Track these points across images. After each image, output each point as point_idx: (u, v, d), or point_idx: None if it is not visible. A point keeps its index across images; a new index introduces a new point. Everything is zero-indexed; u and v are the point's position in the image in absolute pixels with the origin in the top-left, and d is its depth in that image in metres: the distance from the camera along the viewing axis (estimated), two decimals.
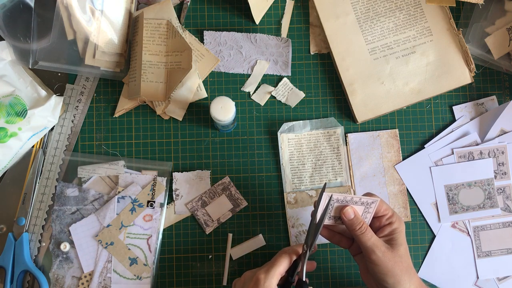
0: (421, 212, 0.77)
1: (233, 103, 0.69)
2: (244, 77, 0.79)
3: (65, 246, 0.74)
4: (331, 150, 0.77)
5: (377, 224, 0.65)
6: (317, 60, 0.79)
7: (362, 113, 0.77)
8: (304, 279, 0.63)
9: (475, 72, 0.77)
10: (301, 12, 0.80)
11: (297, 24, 0.79)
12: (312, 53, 0.79)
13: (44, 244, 0.75)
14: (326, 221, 0.65)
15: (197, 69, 0.77)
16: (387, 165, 0.78)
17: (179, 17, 0.78)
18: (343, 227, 0.68)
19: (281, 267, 0.63)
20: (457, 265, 0.76)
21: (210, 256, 0.76)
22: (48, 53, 0.73)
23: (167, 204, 0.76)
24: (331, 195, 0.62)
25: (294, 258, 0.65)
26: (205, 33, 0.78)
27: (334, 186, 0.77)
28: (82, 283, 0.74)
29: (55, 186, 0.75)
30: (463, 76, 0.78)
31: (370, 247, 0.62)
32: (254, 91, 0.78)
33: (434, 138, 0.78)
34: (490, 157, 0.77)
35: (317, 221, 0.63)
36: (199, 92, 0.77)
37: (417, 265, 0.77)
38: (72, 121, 0.77)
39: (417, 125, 0.79)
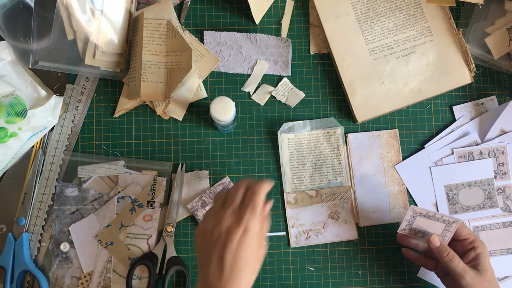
0: None
1: (233, 103, 0.69)
2: (244, 77, 0.79)
3: (65, 246, 0.74)
4: (331, 150, 0.77)
5: (459, 248, 0.68)
6: (317, 60, 0.79)
7: (362, 113, 0.77)
8: None
9: (475, 72, 0.77)
10: (301, 12, 0.80)
11: (297, 24, 0.79)
12: (312, 53, 0.79)
13: (44, 244, 0.75)
14: (408, 232, 0.70)
15: (197, 69, 0.77)
16: (387, 165, 0.78)
17: (179, 17, 0.78)
18: (425, 247, 0.71)
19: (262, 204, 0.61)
20: None
21: None
22: (48, 53, 0.73)
23: (167, 204, 0.76)
24: (413, 207, 0.67)
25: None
26: (205, 33, 0.78)
27: (334, 186, 0.77)
28: (82, 283, 0.74)
29: (55, 186, 0.75)
30: (463, 76, 0.78)
31: (460, 273, 0.65)
32: (254, 91, 0.78)
33: (434, 138, 0.78)
34: (490, 157, 0.77)
35: (399, 229, 0.70)
36: (199, 92, 0.77)
37: (417, 265, 0.77)
38: (72, 121, 0.77)
39: (417, 125, 0.79)
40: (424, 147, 0.78)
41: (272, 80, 0.79)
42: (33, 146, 0.75)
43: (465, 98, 0.79)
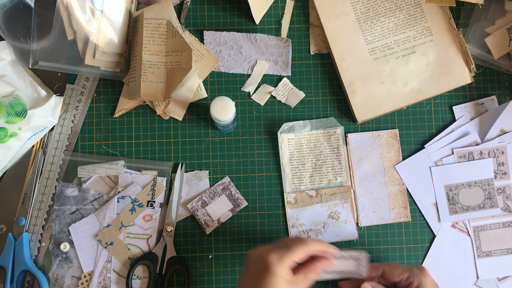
0: (421, 212, 0.77)
1: (233, 103, 0.69)
2: (244, 77, 0.79)
3: (65, 246, 0.74)
4: (331, 150, 0.77)
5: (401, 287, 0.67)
6: (317, 60, 0.79)
7: (362, 113, 0.77)
8: None
9: (475, 72, 0.77)
10: (301, 12, 0.80)
11: (297, 24, 0.79)
12: (312, 53, 0.79)
13: (44, 244, 0.75)
14: (335, 275, 0.66)
15: (197, 69, 0.77)
16: (387, 165, 0.78)
17: (179, 17, 0.78)
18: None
19: (296, 255, 0.60)
20: (457, 265, 0.76)
21: (210, 256, 0.76)
22: (48, 53, 0.73)
23: (167, 204, 0.76)
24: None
25: (316, 251, 0.62)
26: (205, 33, 0.78)
27: (334, 186, 0.77)
28: (82, 283, 0.74)
29: (55, 186, 0.75)
30: (463, 76, 0.78)
31: None
32: (254, 91, 0.78)
33: (434, 138, 0.78)
34: (490, 157, 0.77)
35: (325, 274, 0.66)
36: (199, 92, 0.77)
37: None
38: (72, 121, 0.77)
39: (417, 125, 0.79)
40: (424, 147, 0.78)
41: (272, 80, 0.79)
42: (33, 146, 0.75)
43: (465, 98, 0.79)
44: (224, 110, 0.68)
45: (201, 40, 0.78)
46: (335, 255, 0.64)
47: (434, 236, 0.77)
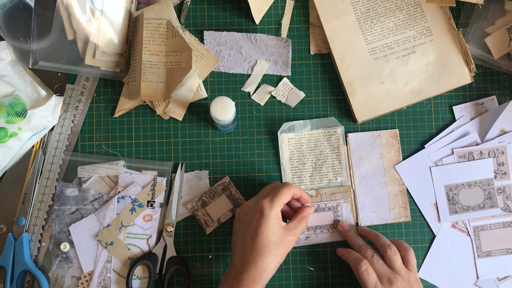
0: (421, 212, 0.77)
1: (233, 103, 0.69)
2: (244, 77, 0.79)
3: (65, 246, 0.74)
4: (331, 149, 0.77)
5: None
6: (317, 60, 0.79)
7: (362, 113, 0.77)
8: None
9: (475, 72, 0.77)
10: (301, 12, 0.80)
11: (297, 24, 0.79)
12: (312, 53, 0.79)
13: (44, 244, 0.75)
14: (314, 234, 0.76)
15: (197, 69, 0.77)
16: (387, 165, 0.78)
17: (179, 17, 0.78)
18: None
19: (284, 197, 0.67)
20: (457, 265, 0.76)
21: (210, 256, 0.76)
22: (48, 53, 0.73)
23: (167, 204, 0.76)
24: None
25: (297, 195, 0.70)
26: (205, 33, 0.78)
27: (334, 186, 0.77)
28: (82, 283, 0.74)
29: (55, 186, 0.75)
30: (463, 76, 0.78)
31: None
32: (254, 91, 0.78)
33: (434, 138, 0.78)
34: (490, 157, 0.77)
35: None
36: (199, 92, 0.77)
37: (417, 265, 0.76)
38: (72, 121, 0.77)
39: (417, 125, 0.79)
40: (424, 147, 0.78)
41: (272, 80, 0.79)
42: (33, 146, 0.75)
43: (465, 98, 0.79)
44: (224, 110, 0.68)
45: (201, 40, 0.78)
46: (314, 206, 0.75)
47: (434, 236, 0.77)
